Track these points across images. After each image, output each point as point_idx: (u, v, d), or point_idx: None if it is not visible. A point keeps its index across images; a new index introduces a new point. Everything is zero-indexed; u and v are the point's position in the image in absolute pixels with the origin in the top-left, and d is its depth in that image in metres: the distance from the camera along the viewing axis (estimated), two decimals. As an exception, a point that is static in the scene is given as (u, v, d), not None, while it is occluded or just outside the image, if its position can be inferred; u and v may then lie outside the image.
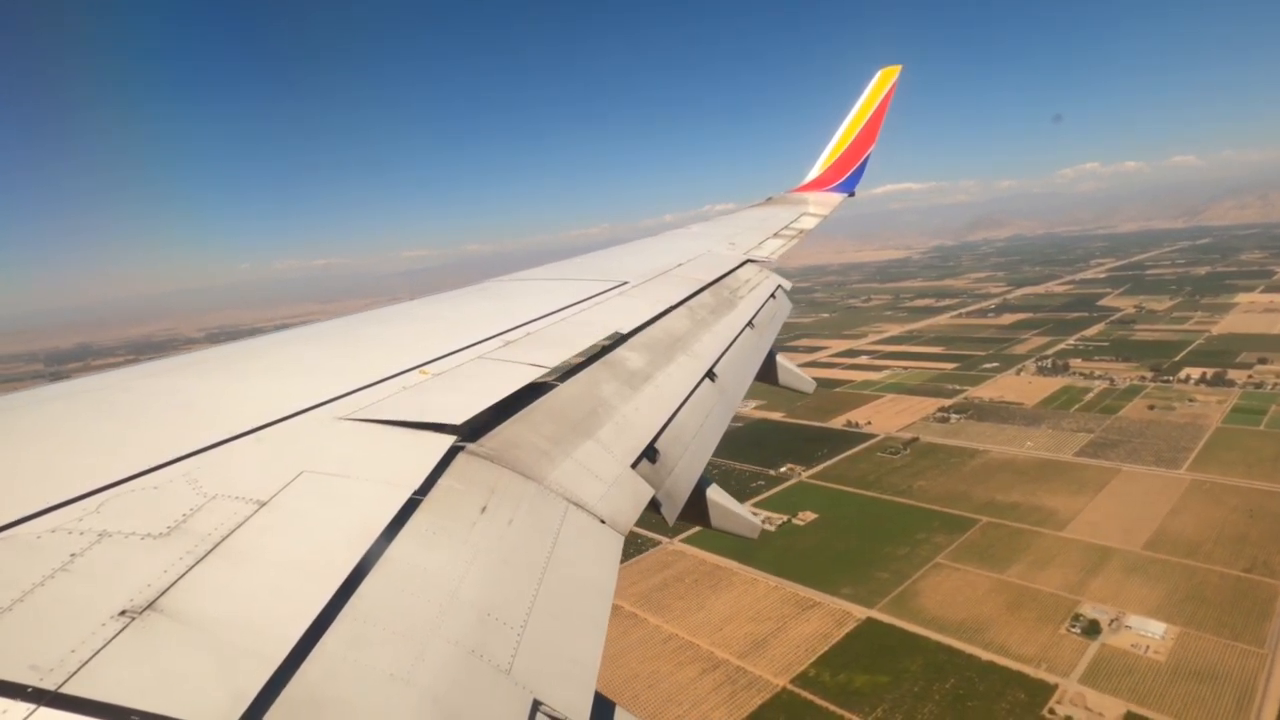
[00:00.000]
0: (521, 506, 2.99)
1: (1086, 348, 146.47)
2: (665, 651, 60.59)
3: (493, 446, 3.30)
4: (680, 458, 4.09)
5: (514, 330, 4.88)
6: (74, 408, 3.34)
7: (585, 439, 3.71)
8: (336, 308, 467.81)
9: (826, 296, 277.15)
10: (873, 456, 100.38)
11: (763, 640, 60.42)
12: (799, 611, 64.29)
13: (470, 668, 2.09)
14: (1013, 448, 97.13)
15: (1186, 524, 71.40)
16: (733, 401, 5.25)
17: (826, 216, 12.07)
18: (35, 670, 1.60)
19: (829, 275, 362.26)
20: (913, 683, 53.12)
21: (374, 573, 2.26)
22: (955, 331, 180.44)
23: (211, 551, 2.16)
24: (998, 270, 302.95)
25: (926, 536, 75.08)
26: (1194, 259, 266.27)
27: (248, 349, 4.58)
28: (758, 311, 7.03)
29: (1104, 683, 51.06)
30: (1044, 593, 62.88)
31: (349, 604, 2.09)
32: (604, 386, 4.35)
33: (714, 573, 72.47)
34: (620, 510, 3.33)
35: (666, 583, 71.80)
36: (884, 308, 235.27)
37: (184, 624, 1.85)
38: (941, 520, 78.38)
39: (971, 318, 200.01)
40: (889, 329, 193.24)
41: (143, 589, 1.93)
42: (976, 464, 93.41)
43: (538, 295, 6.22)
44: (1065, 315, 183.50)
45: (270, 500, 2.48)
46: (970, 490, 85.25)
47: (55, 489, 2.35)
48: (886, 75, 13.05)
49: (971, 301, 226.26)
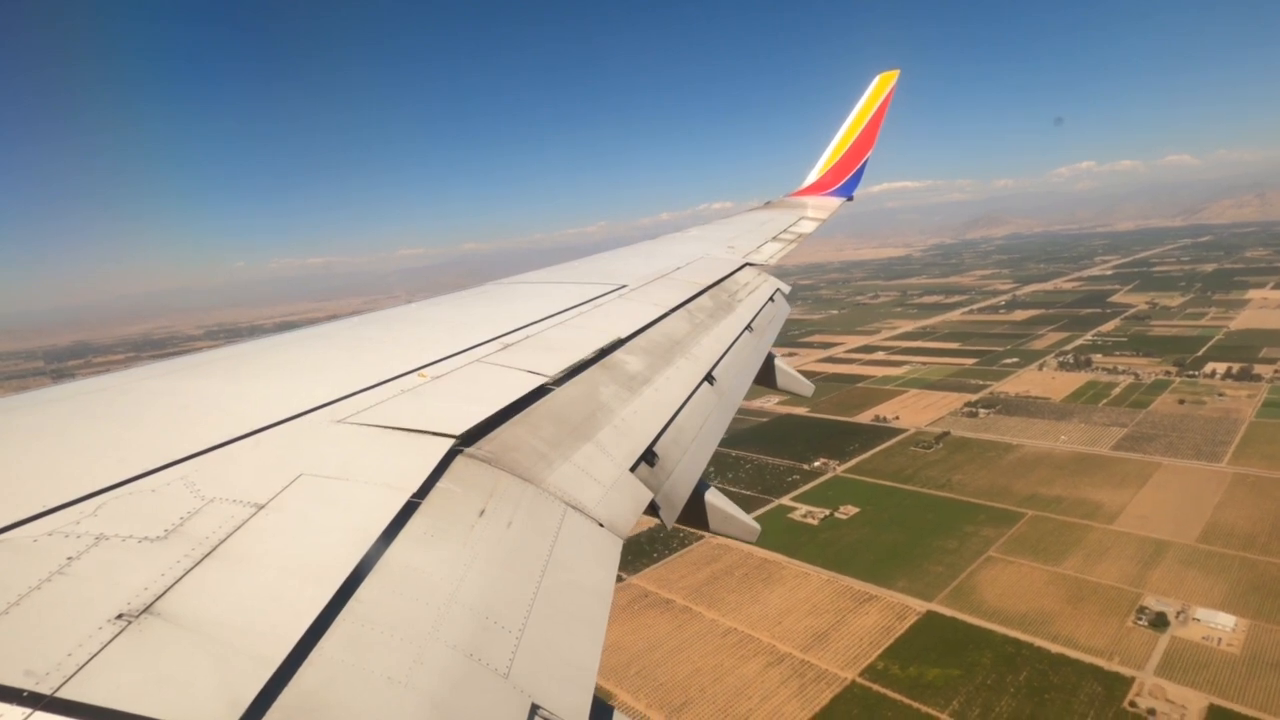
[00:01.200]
0: (520, 509, 2.97)
1: (1105, 343, 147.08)
2: (726, 645, 60.16)
3: (491, 449, 3.27)
4: (679, 461, 4.05)
5: (513, 333, 4.90)
6: (72, 410, 3.33)
7: (584, 442, 3.69)
8: (334, 306, 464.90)
9: (833, 294, 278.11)
10: (906, 451, 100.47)
11: (824, 633, 60.11)
12: (856, 605, 63.99)
13: (468, 671, 2.07)
14: (1046, 441, 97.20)
15: (1238, 517, 71.40)
16: (731, 405, 5.17)
17: (824, 221, 12.01)
18: (31, 674, 1.59)
19: (832, 273, 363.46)
20: (985, 675, 52.82)
21: (372, 576, 2.25)
22: (969, 327, 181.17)
23: (209, 555, 2.15)
24: (1002, 268, 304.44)
25: (974, 530, 75.05)
26: (1198, 256, 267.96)
27: (246, 351, 4.57)
28: (756, 315, 7.02)
29: (1181, 675, 50.85)
30: (1104, 585, 62.73)
31: (347, 607, 2.08)
32: (603, 390, 4.33)
33: (763, 566, 72.18)
34: (619, 514, 3.31)
35: (716, 576, 71.48)
36: (892, 304, 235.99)
37: (181, 627, 1.84)
38: (987, 514, 78.39)
39: (983, 314, 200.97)
40: (901, 325, 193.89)
41: (140, 592, 1.92)
42: (1013, 458, 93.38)
43: (536, 298, 6.27)
44: (1078, 311, 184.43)
45: (268, 503, 2.47)
46: (1011, 484, 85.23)
47: (53, 492, 2.33)
48: (885, 80, 12.99)
49: (980, 298, 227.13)
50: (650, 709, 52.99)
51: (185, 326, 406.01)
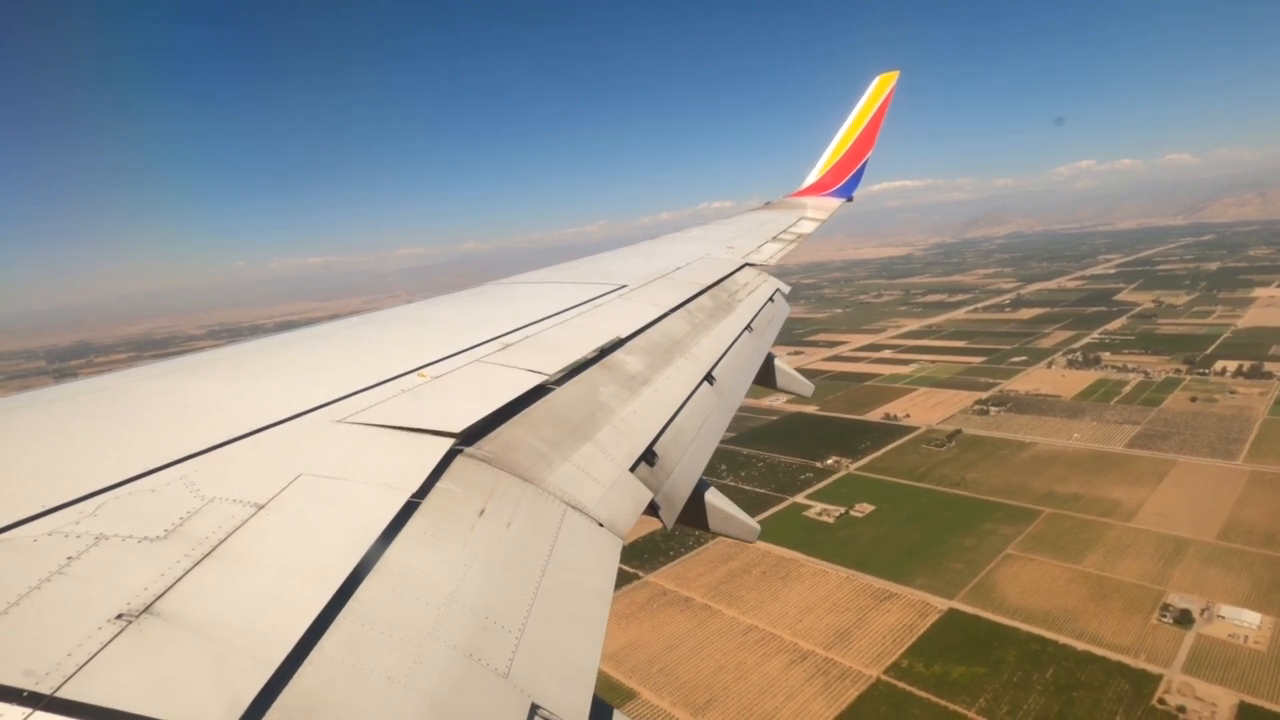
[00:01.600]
0: (520, 509, 2.96)
1: (1113, 341, 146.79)
2: (748, 643, 59.93)
3: (491, 449, 3.26)
4: (679, 461, 4.05)
5: (512, 333, 4.89)
6: (72, 410, 3.32)
7: (584, 442, 3.68)
8: (334, 305, 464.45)
9: (835, 292, 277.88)
10: (918, 449, 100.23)
11: (846, 631, 59.89)
12: (877, 602, 63.77)
13: (468, 671, 2.07)
14: (1059, 439, 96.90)
15: (1257, 514, 71.19)
16: (731, 405, 5.17)
17: (824, 221, 11.98)
18: (31, 674, 1.59)
19: (834, 271, 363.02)
20: (1011, 673, 52.59)
21: (372, 576, 2.24)
22: (975, 326, 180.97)
23: (209, 555, 2.14)
24: (1005, 266, 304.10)
25: (993, 528, 74.77)
26: (1201, 255, 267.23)
27: (246, 351, 4.56)
28: (756, 315, 7.04)
29: (1209, 673, 50.65)
30: (1126, 583, 62.52)
31: (347, 607, 2.07)
32: (603, 389, 4.32)
33: (781, 564, 71.93)
34: (619, 513, 3.30)
35: (734, 574, 71.20)
36: (896, 303, 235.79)
37: (181, 627, 1.84)
38: (1004, 512, 78.16)
39: (988, 312, 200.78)
40: (907, 324, 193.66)
41: (140, 592, 1.91)
42: (1027, 456, 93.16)
43: (536, 298, 6.27)
44: (1083, 310, 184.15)
45: (268, 503, 2.46)
46: (1026, 482, 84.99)
47: (53, 491, 2.33)
48: (884, 81, 12.98)
49: (984, 297, 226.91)
50: (675, 707, 52.71)
51: (186, 326, 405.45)
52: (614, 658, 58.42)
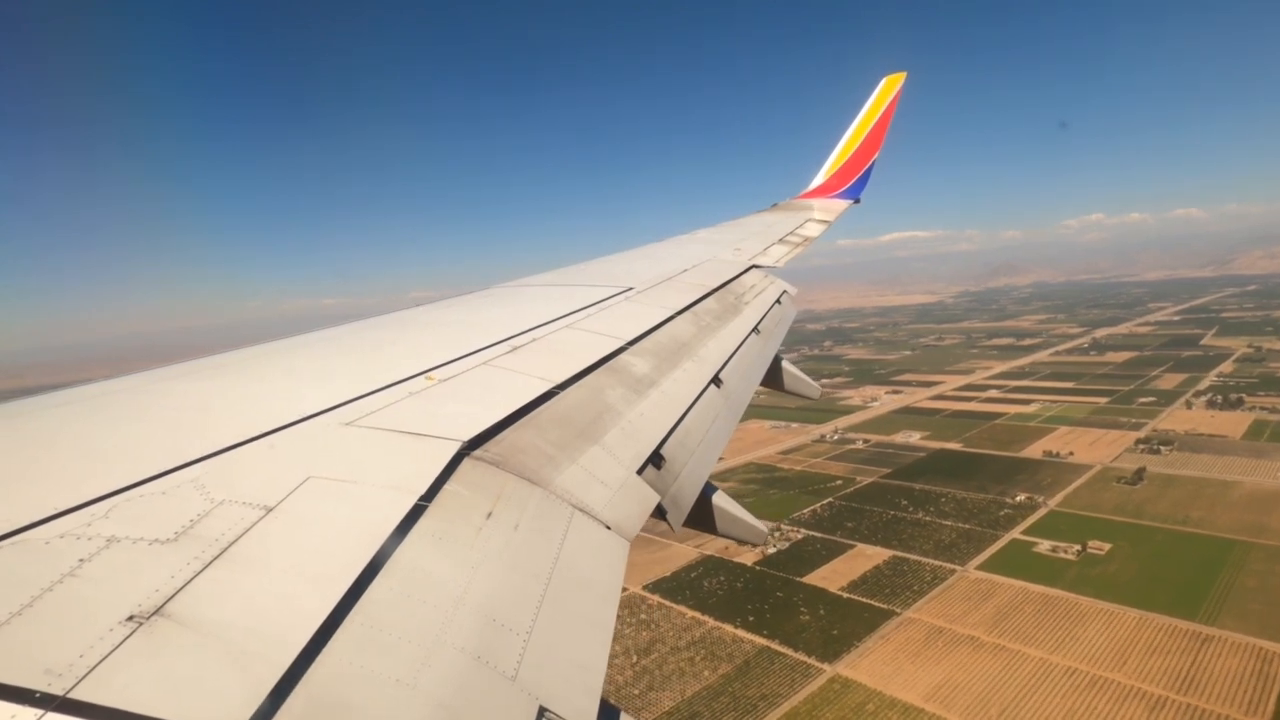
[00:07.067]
0: (527, 512, 2.92)
1: (1238, 384, 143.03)
2: (1077, 686, 56.23)
3: (498, 452, 3.21)
4: (686, 464, 3.98)
5: (520, 336, 4.82)
6: (84, 413, 3.29)
7: (591, 444, 3.63)
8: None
9: (889, 335, 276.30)
10: (1109, 486, 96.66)
11: (1187, 674, 55.13)
12: (1198, 644, 59.94)
13: (476, 674, 2.05)
14: (1264, 479, 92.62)
15: None
16: (738, 407, 5.05)
17: (831, 223, 11.88)
18: (44, 675, 1.59)
19: (870, 317, 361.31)
20: None
21: (380, 578, 2.22)
22: (1070, 369, 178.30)
23: (219, 557, 2.12)
24: (1053, 313, 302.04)
25: (1265, 567, 70.17)
26: (1260, 304, 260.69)
27: (257, 354, 4.50)
28: (763, 317, 6.89)
29: None
30: None
31: (355, 609, 2.05)
32: (609, 392, 4.24)
33: (1049, 601, 68.65)
34: (626, 516, 3.26)
35: (1004, 612, 67.03)
36: (964, 346, 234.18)
37: (191, 629, 1.83)
38: (1261, 551, 74.18)
39: (1072, 355, 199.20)
40: (993, 365, 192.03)
41: (151, 594, 1.91)
42: (1240, 494, 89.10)
43: (543, 301, 6.17)
44: (1178, 353, 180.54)
45: (277, 505, 2.45)
46: (1262, 520, 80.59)
47: (65, 494, 2.32)
48: (892, 82, 12.87)
49: (1055, 341, 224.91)
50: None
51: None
52: (935, 698, 53.16)
